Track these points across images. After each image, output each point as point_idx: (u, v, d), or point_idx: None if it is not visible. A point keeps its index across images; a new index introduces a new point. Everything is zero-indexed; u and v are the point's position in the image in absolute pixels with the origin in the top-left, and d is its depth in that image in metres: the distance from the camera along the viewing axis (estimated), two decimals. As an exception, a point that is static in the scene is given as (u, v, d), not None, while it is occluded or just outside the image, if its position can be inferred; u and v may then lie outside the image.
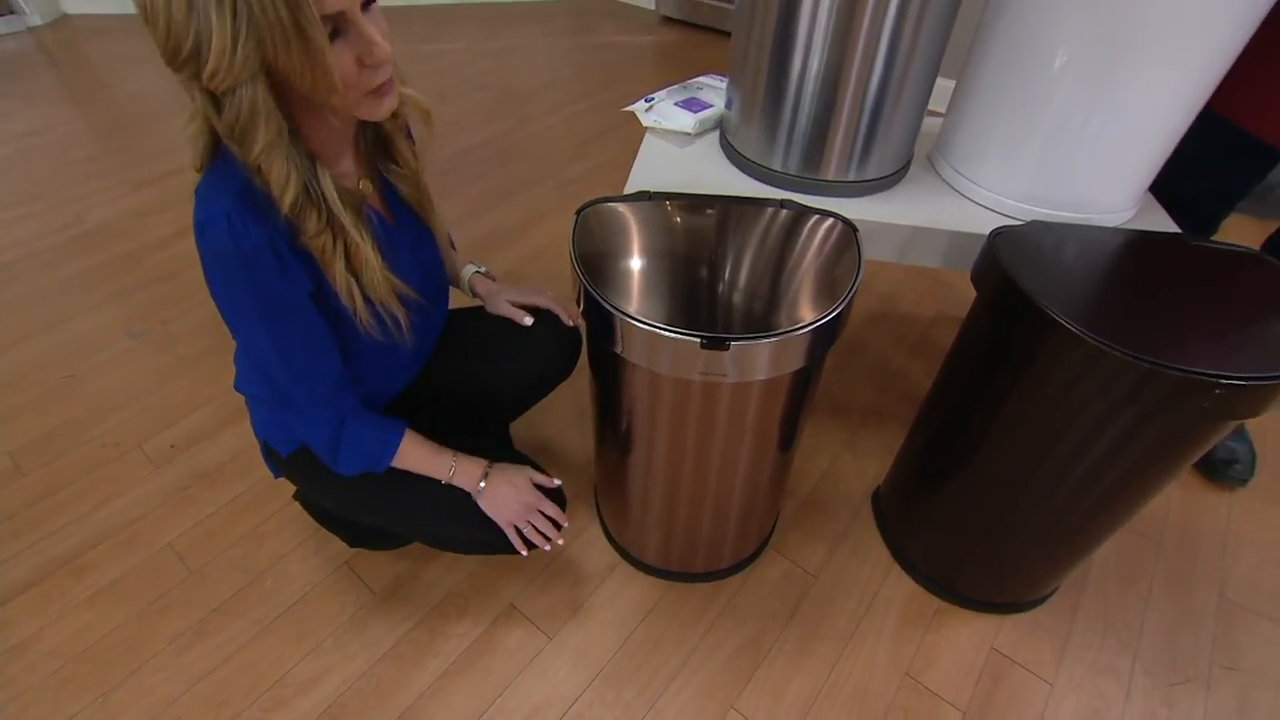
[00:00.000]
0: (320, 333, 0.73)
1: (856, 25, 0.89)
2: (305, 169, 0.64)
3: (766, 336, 0.70)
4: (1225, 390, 0.67)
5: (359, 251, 0.70)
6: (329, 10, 0.54)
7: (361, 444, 0.81)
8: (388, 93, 0.64)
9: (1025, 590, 1.07)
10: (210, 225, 0.61)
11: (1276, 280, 0.80)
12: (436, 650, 1.02)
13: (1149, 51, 0.81)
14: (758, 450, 0.92)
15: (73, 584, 1.08)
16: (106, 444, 1.30)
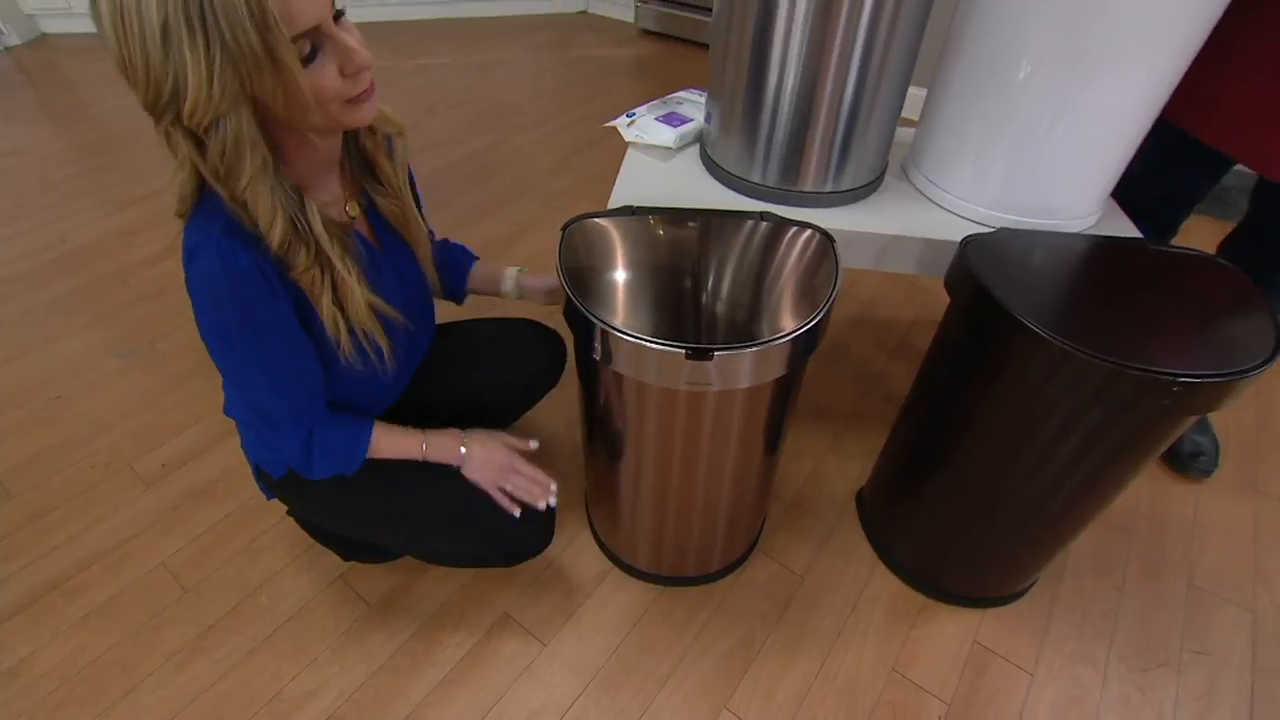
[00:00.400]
0: (304, 353, 0.74)
1: (830, 40, 0.91)
2: (291, 203, 0.64)
3: (749, 346, 0.72)
4: (1182, 388, 0.70)
5: (344, 284, 0.70)
6: (302, 28, 0.54)
7: (333, 443, 0.81)
8: (368, 98, 0.64)
9: (1005, 584, 1.09)
10: (199, 250, 0.62)
11: (1230, 282, 0.83)
12: (433, 660, 1.02)
13: (1108, 60, 0.84)
14: (744, 455, 0.94)
15: (65, 605, 1.08)
16: (96, 464, 1.29)
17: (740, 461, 0.94)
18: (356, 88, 0.62)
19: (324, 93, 0.59)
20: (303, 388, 0.77)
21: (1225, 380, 0.70)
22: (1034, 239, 0.92)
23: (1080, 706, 0.99)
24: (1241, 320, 0.78)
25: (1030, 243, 0.91)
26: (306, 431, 0.79)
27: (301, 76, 0.56)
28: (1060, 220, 1.03)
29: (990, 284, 0.80)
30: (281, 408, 0.77)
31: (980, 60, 0.96)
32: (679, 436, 0.87)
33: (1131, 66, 0.86)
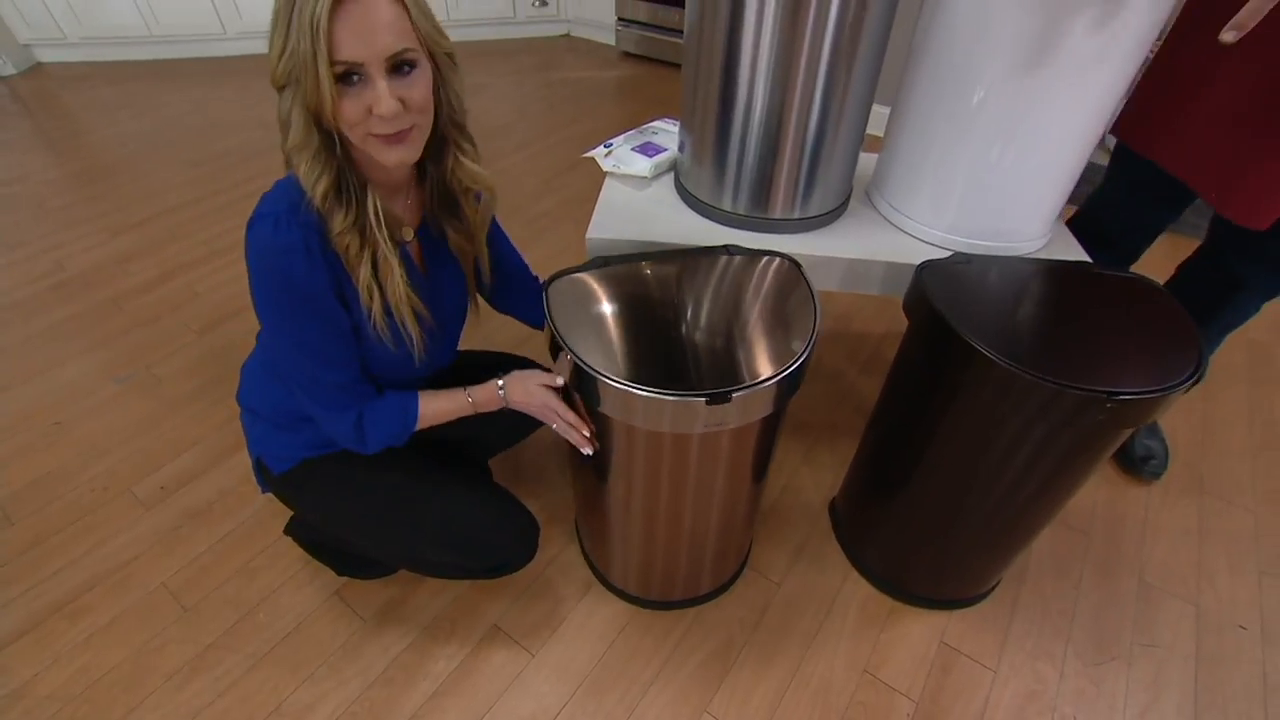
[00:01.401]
0: (343, 334, 0.78)
1: (793, 74, 0.95)
2: (347, 180, 0.71)
3: (737, 390, 0.73)
4: (1116, 404, 0.74)
5: (386, 261, 0.75)
6: (342, 57, 0.61)
7: (382, 416, 0.85)
8: (396, 143, 0.68)
9: (969, 586, 1.13)
10: (258, 222, 0.70)
11: (1163, 305, 0.87)
12: (426, 672, 1.04)
13: (1052, 88, 0.88)
14: (732, 489, 0.95)
15: (68, 628, 1.08)
16: (96, 488, 1.30)
17: (728, 494, 0.95)
18: (375, 129, 0.66)
19: (347, 117, 0.65)
20: (347, 363, 0.80)
21: (1153, 396, 0.74)
22: (986, 264, 0.95)
23: (1039, 700, 1.02)
24: (1171, 340, 0.82)
25: (982, 267, 0.95)
26: (356, 411, 0.83)
27: (328, 91, 0.62)
28: (1013, 243, 1.08)
29: (943, 308, 0.84)
30: (331, 382, 0.80)
31: (933, 93, 1.00)
32: (666, 475, 0.88)
33: (1075, 92, 0.90)
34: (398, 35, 0.63)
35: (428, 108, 0.69)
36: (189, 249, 1.97)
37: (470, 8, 3.38)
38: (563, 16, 3.56)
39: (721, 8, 0.94)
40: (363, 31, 0.61)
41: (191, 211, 2.14)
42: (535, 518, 1.01)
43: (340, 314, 0.76)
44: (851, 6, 0.91)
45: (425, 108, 0.69)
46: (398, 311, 0.78)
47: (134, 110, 2.81)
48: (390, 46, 0.63)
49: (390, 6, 0.62)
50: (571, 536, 1.23)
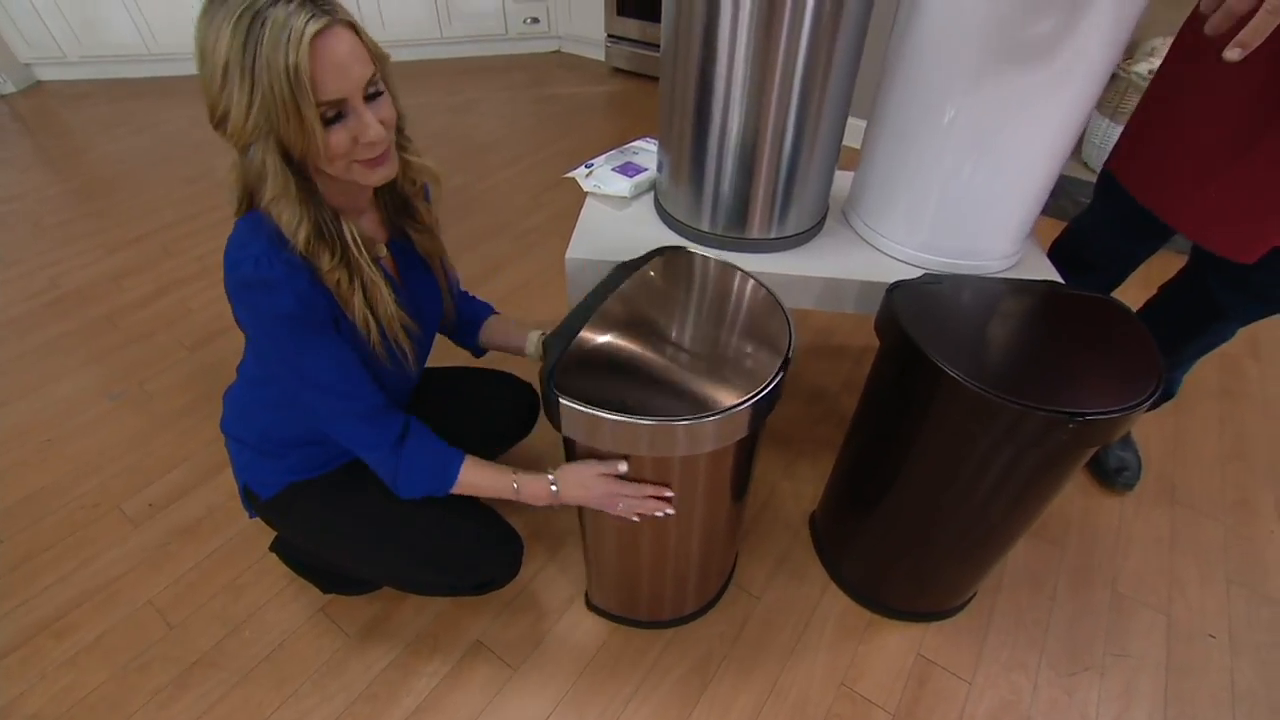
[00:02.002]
0: (352, 361, 0.77)
1: (767, 93, 0.95)
2: (323, 217, 0.69)
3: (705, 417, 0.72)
4: (1078, 425, 0.74)
5: (374, 286, 0.75)
6: (327, 98, 0.61)
7: (420, 469, 0.82)
8: (379, 164, 0.69)
9: (946, 599, 1.13)
10: (241, 264, 0.67)
11: (1127, 325, 0.88)
12: (410, 688, 1.03)
13: (1018, 106, 0.89)
14: (713, 508, 0.94)
15: (54, 646, 1.07)
16: (86, 505, 1.29)
17: (710, 516, 0.94)
18: (364, 154, 0.67)
19: (336, 150, 0.65)
20: (366, 391, 0.78)
21: (1114, 416, 0.74)
22: (956, 283, 0.95)
23: (1013, 711, 1.02)
24: (1133, 360, 0.82)
25: (952, 287, 0.95)
26: (389, 448, 0.80)
27: (319, 133, 0.62)
28: (984, 261, 1.08)
29: (912, 330, 0.84)
30: (348, 424, 0.79)
31: (905, 113, 1.00)
32: None
33: (1037, 112, 0.90)
34: (364, 62, 0.63)
35: (395, 119, 0.70)
36: (183, 265, 1.97)
37: (463, 25, 3.39)
38: (554, 33, 3.57)
39: (694, 31, 0.94)
40: (339, 68, 0.61)
41: (187, 228, 2.13)
42: (519, 534, 1.01)
43: (343, 343, 0.76)
44: (824, 29, 0.91)
45: (394, 123, 0.70)
46: (391, 331, 0.79)
47: (132, 127, 2.80)
48: (363, 75, 0.63)
49: (350, 35, 0.62)
50: (553, 553, 1.22)
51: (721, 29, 0.91)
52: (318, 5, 0.59)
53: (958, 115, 0.93)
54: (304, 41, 0.57)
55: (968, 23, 0.87)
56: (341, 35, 0.61)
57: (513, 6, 3.38)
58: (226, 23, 0.57)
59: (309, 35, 0.57)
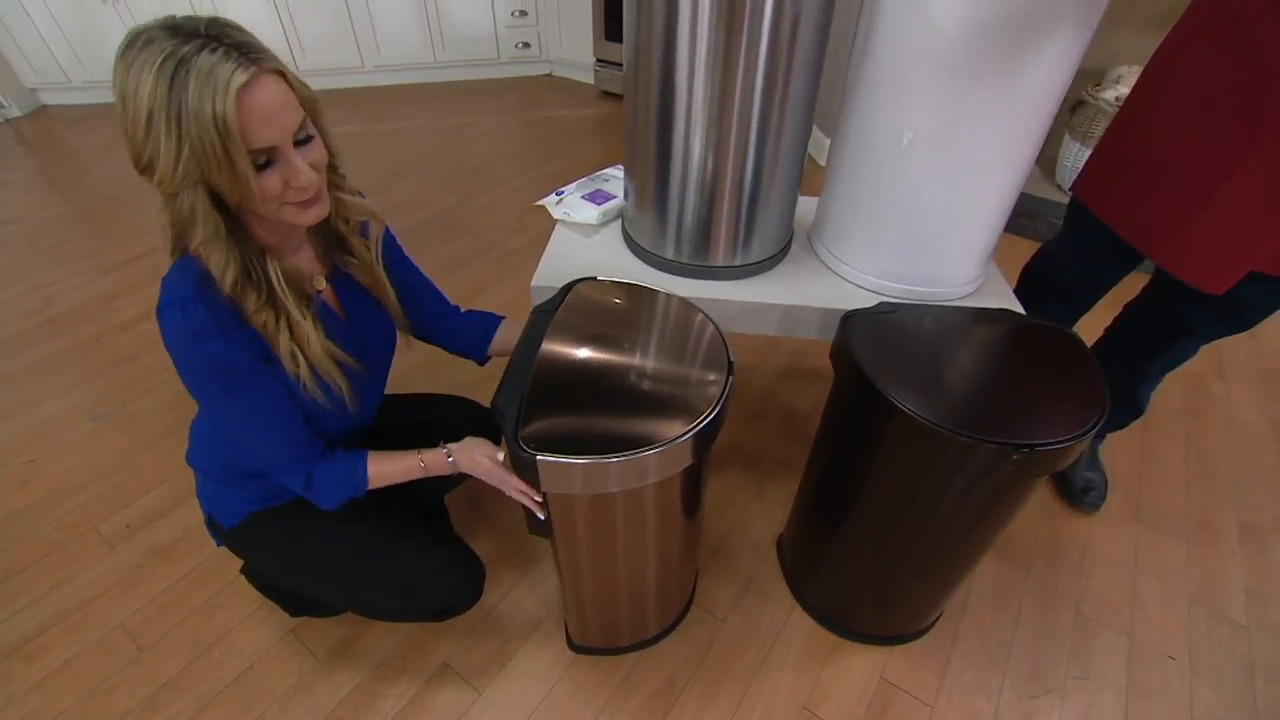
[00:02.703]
0: (278, 399, 0.76)
1: (726, 120, 0.94)
2: (250, 258, 0.69)
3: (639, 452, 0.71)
4: (1022, 456, 0.74)
5: (300, 327, 0.74)
6: (257, 146, 0.60)
7: (333, 478, 0.83)
8: (311, 205, 0.69)
9: (908, 622, 1.11)
10: (166, 310, 0.67)
11: (1076, 354, 0.87)
12: (375, 710, 1.02)
13: (975, 128, 0.88)
14: (665, 535, 0.92)
15: (23, 669, 1.06)
16: (63, 526, 1.28)
17: (661, 542, 0.93)
18: (295, 197, 0.66)
19: (269, 194, 0.64)
20: (290, 422, 0.78)
21: (1058, 447, 0.74)
22: (911, 312, 0.95)
23: (974, 736, 1.00)
24: (1081, 389, 0.82)
25: (906, 316, 0.94)
26: (304, 472, 0.81)
27: (252, 179, 0.61)
28: (945, 288, 1.08)
29: (863, 361, 0.84)
30: (278, 439, 0.79)
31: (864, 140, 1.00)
32: (594, 532, 0.87)
33: (992, 135, 0.90)
34: (293, 109, 0.63)
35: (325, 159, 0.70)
36: (174, 286, 1.97)
37: (456, 49, 3.42)
38: (545, 57, 3.59)
39: (653, 57, 0.93)
40: (267, 116, 0.60)
41: (180, 249, 2.13)
42: (481, 560, 1.00)
43: (270, 379, 0.75)
44: (780, 54, 0.91)
45: (325, 163, 0.69)
46: (322, 369, 0.78)
47: (132, 150, 2.82)
48: (293, 123, 0.63)
49: (277, 83, 0.61)
50: (521, 575, 1.21)
51: (679, 56, 0.91)
52: (244, 53, 0.58)
53: (915, 138, 0.93)
54: (230, 92, 0.56)
55: (919, 47, 0.86)
56: (268, 84, 0.60)
57: (505, 32, 3.41)
58: (148, 69, 0.55)
59: (235, 86, 0.56)
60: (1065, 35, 0.81)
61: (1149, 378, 1.22)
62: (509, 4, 3.31)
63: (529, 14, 3.37)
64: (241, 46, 0.58)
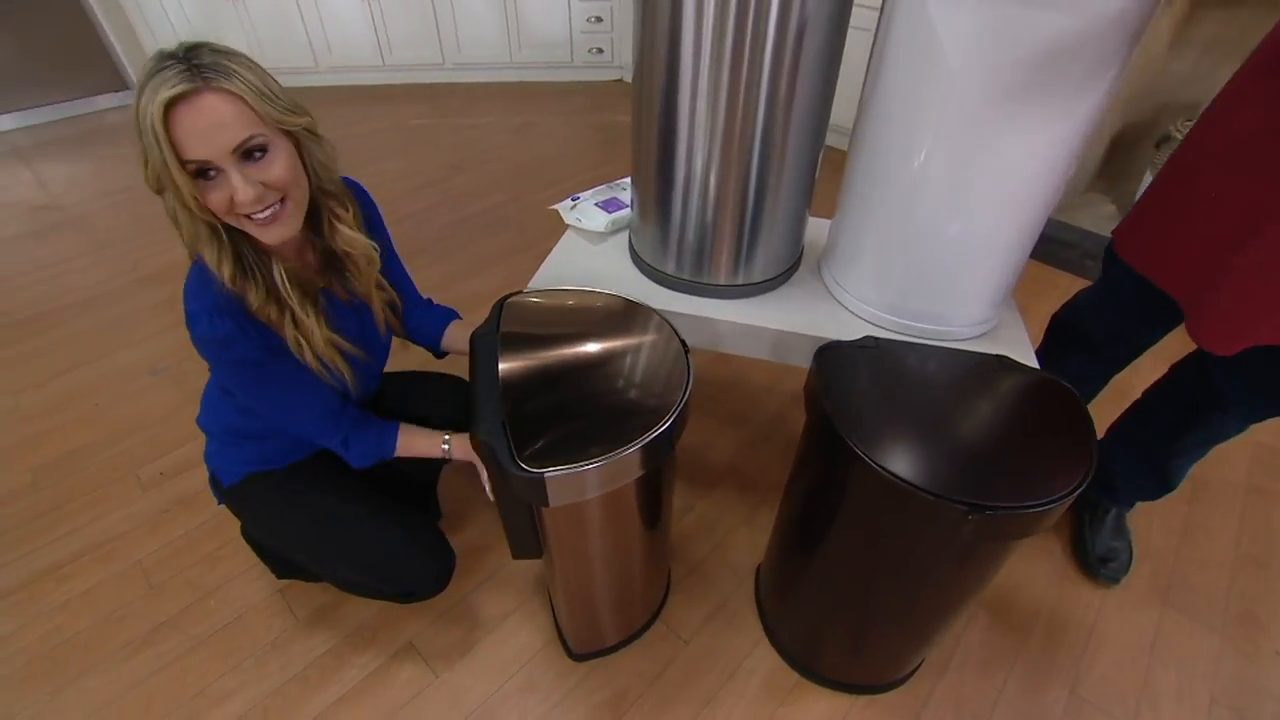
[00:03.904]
0: (307, 378, 0.84)
1: (729, 139, 0.93)
2: (250, 258, 0.74)
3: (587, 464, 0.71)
4: (980, 518, 0.68)
5: (303, 323, 0.80)
6: (190, 158, 0.64)
7: (364, 448, 0.93)
8: (271, 224, 0.72)
9: (878, 673, 1.05)
10: (195, 321, 0.75)
11: (1070, 410, 0.80)
12: (339, 677, 1.07)
13: (994, 161, 0.83)
14: (622, 545, 0.93)
15: (54, 589, 1.18)
16: (110, 467, 1.41)
17: (619, 552, 0.93)
18: (242, 210, 0.69)
19: (216, 207, 0.68)
20: (318, 404, 0.87)
21: (1023, 512, 0.67)
22: (893, 350, 0.90)
23: (929, 806, 0.94)
24: (1066, 449, 0.75)
25: (888, 352, 0.89)
26: (342, 437, 0.91)
27: (188, 188, 0.65)
28: (950, 328, 1.01)
29: (830, 399, 0.80)
30: (312, 422, 0.88)
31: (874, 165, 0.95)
32: (554, 535, 0.87)
33: (1012, 179, 0.84)
34: (237, 127, 0.64)
35: (294, 181, 0.71)
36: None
37: (531, 52, 3.51)
38: (617, 63, 3.64)
39: (657, 71, 0.93)
40: (200, 131, 0.63)
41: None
42: (452, 553, 1.03)
43: (297, 364, 0.81)
44: (783, 77, 0.88)
45: (290, 182, 0.71)
46: (326, 358, 0.83)
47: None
48: (232, 140, 0.64)
49: (223, 101, 0.63)
50: (502, 563, 1.23)
51: (682, 67, 0.90)
52: (195, 71, 0.61)
53: (926, 162, 0.87)
54: (156, 105, 0.60)
55: (936, 64, 0.80)
56: (206, 100, 0.62)
57: (580, 36, 3.47)
58: (138, 87, 0.62)
59: (161, 100, 0.60)
60: (1091, 69, 0.74)
61: (1182, 451, 1.09)
62: (585, 10, 3.38)
63: (604, 20, 3.42)
64: (200, 67, 0.62)
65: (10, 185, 2.64)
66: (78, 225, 2.33)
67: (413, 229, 2.31)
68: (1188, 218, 0.91)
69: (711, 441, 1.50)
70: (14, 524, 1.30)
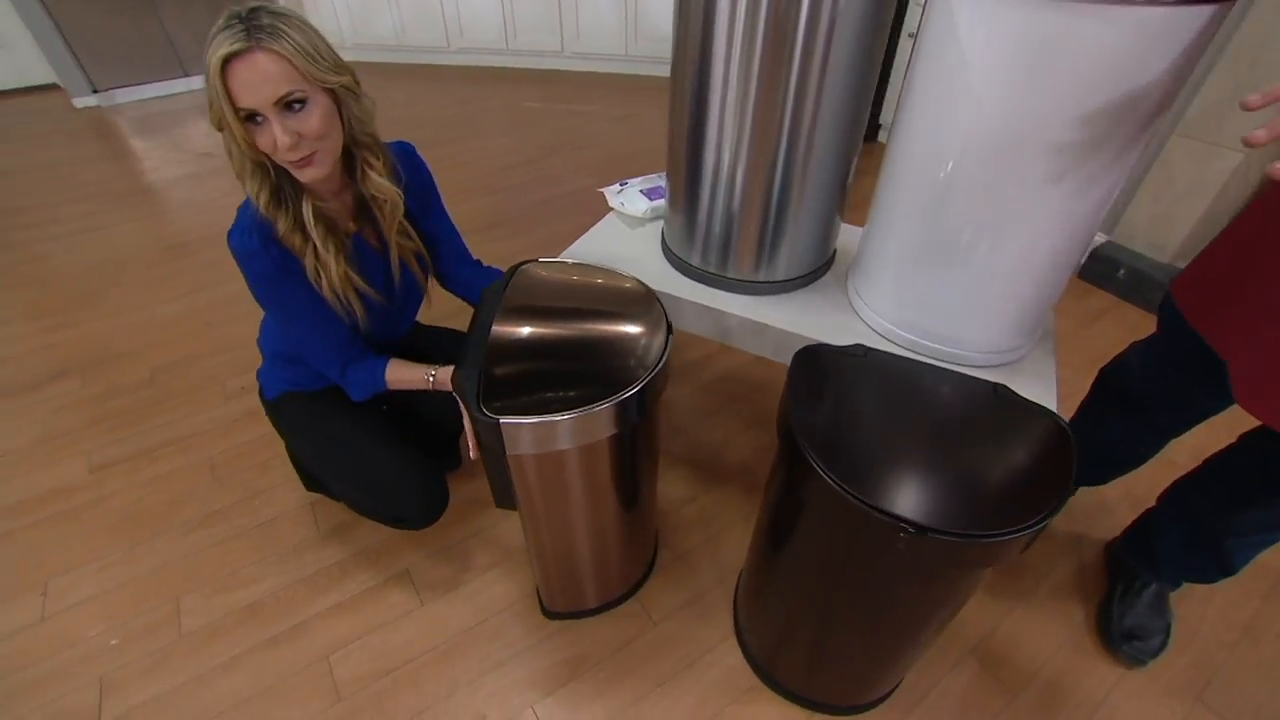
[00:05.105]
0: (318, 307, 0.95)
1: (755, 138, 0.94)
2: (286, 190, 0.87)
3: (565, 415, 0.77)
4: (910, 538, 0.66)
5: (322, 256, 0.91)
6: (241, 106, 0.76)
7: (361, 377, 1.02)
8: (304, 166, 0.83)
9: (835, 694, 1.02)
10: (231, 235, 0.88)
11: (1058, 448, 0.74)
12: (340, 588, 1.20)
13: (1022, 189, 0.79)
14: (595, 503, 0.97)
15: (145, 467, 1.42)
16: (206, 376, 1.66)
17: (591, 510, 0.97)
18: (282, 155, 0.80)
19: (264, 147, 0.80)
20: (322, 331, 0.98)
21: (956, 539, 0.64)
22: (880, 361, 0.87)
23: (859, 838, 0.90)
24: (1038, 485, 0.70)
25: (874, 364, 0.87)
26: (340, 368, 1.01)
27: (239, 130, 0.77)
28: (968, 352, 0.96)
29: (794, 398, 0.80)
30: (315, 346, 1.00)
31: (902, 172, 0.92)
32: (523, 488, 0.92)
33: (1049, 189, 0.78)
34: (279, 82, 0.75)
35: (326, 133, 0.81)
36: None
37: (646, 45, 3.61)
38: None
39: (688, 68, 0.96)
40: (249, 84, 0.74)
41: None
42: (444, 492, 1.12)
43: (312, 293, 0.93)
44: (809, 83, 0.89)
45: (323, 134, 0.81)
46: (341, 293, 0.94)
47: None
48: (274, 94, 0.75)
49: (271, 60, 0.74)
50: (505, 516, 1.31)
51: (714, 66, 0.92)
52: (250, 32, 0.72)
53: (954, 173, 0.83)
54: (216, 60, 0.72)
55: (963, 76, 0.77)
56: (256, 59, 0.73)
57: (695, 32, 3.51)
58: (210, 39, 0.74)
59: (220, 56, 0.72)
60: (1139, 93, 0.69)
61: (1240, 530, 0.96)
62: (703, 6, 3.41)
63: (721, 17, 3.44)
64: (256, 28, 0.73)
65: (191, 135, 3.10)
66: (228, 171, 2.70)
67: (501, 202, 2.47)
68: (1245, 271, 0.80)
69: (732, 440, 1.50)
70: (130, 409, 1.56)
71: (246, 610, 1.16)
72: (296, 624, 1.14)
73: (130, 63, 3.42)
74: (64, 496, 1.36)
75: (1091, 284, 1.97)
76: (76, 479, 1.39)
